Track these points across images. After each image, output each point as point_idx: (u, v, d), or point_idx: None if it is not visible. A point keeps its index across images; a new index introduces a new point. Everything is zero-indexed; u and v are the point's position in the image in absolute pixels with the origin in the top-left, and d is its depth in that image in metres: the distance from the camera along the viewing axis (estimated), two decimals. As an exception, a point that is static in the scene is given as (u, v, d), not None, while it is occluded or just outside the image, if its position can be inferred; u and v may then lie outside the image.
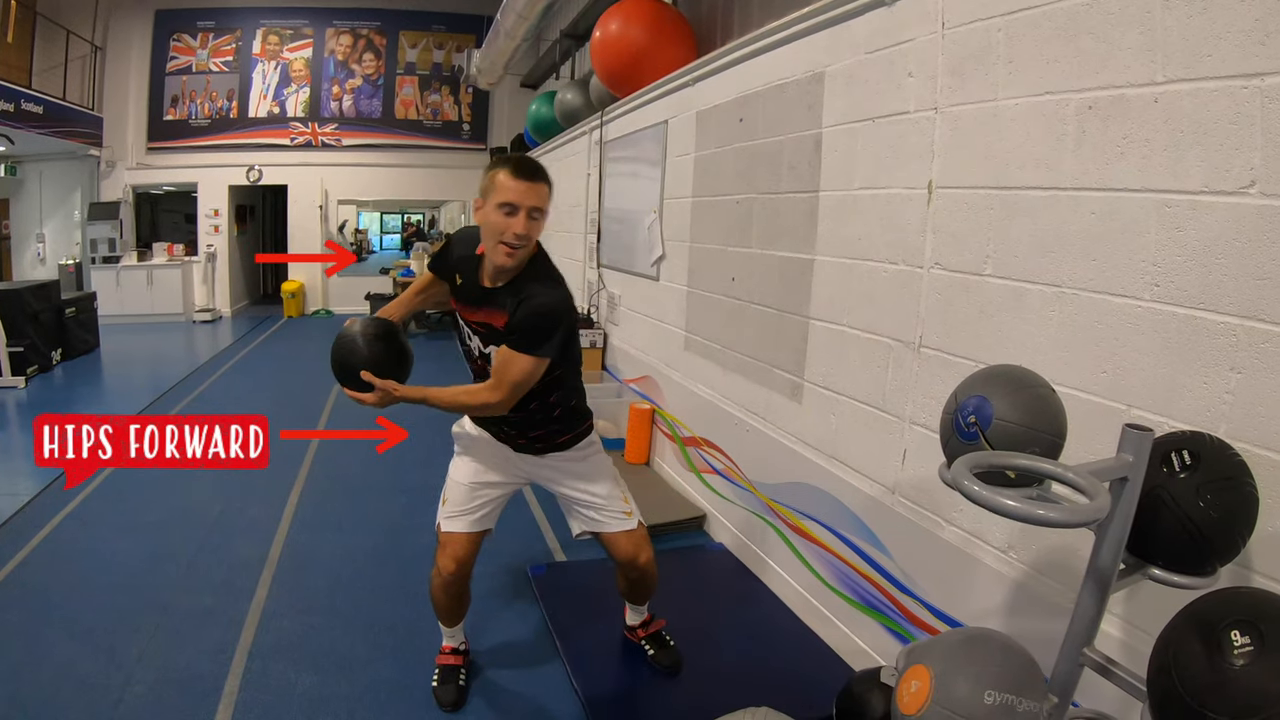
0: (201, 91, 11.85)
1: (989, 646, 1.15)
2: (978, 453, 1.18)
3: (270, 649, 2.79)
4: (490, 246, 2.05)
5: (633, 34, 4.97)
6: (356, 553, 3.60)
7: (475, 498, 2.39)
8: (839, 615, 2.77)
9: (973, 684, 1.08)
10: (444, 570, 2.37)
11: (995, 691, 1.07)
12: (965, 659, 1.12)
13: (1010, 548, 2.05)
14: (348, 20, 12.21)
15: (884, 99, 2.52)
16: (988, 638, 1.17)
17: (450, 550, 2.37)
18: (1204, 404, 1.60)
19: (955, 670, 1.11)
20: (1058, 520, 1.04)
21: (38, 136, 9.47)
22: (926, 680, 1.10)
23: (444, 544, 2.38)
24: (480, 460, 2.42)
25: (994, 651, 1.14)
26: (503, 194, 1.99)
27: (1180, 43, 1.62)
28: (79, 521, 3.90)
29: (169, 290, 11.32)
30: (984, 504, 1.05)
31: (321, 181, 12.25)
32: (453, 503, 2.40)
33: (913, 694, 1.10)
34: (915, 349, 2.38)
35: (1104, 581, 1.28)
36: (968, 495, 1.06)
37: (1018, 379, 1.37)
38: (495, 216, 2.01)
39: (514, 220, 1.99)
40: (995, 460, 1.17)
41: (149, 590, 3.18)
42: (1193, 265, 1.61)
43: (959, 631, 1.19)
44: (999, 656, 1.13)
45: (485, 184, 2.04)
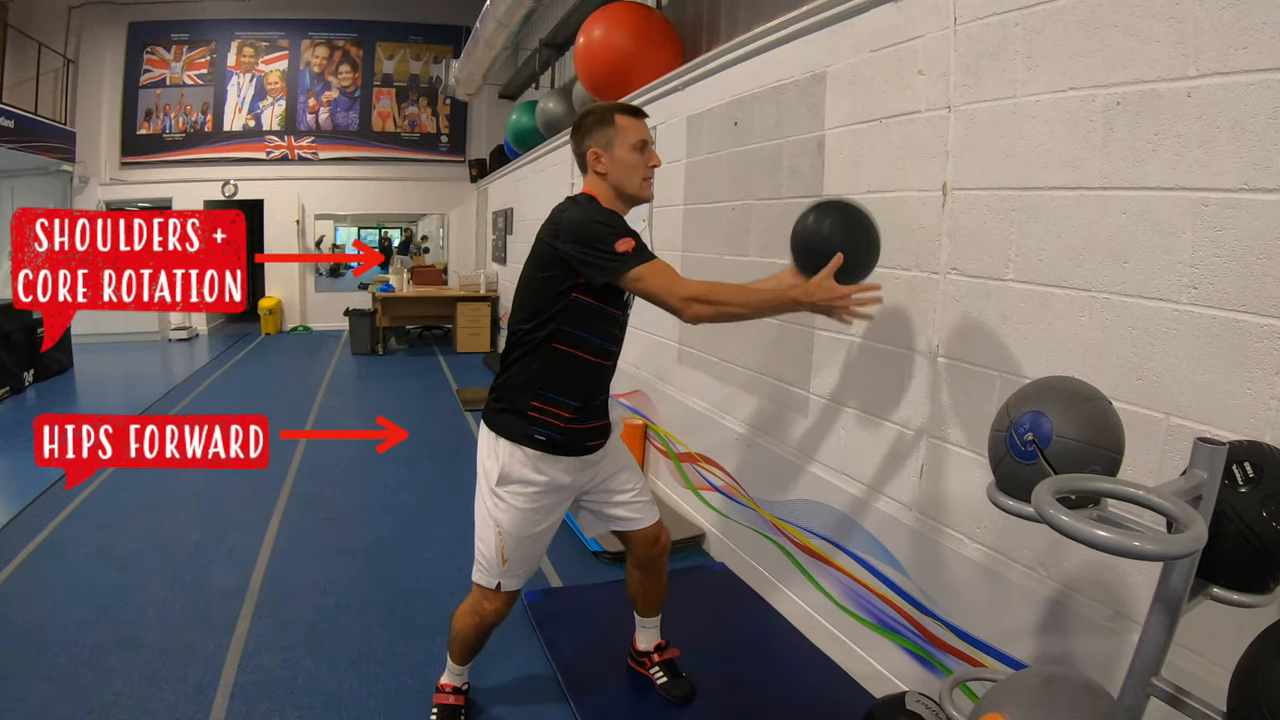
0: (176, 105, 11.63)
1: (1071, 689, 1.05)
2: (1059, 478, 1.08)
3: (253, 688, 2.61)
4: (634, 184, 2.13)
5: (618, 39, 4.89)
6: (341, 582, 3.42)
7: (539, 547, 2.25)
8: (853, 637, 2.66)
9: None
10: (494, 616, 2.25)
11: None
12: (1047, 705, 1.02)
13: (1041, 564, 1.96)
14: (324, 32, 12.05)
15: (892, 98, 2.43)
16: (1067, 679, 1.07)
17: (506, 600, 2.24)
18: (1248, 410, 1.52)
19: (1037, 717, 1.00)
20: (1155, 553, 0.95)
21: (9, 151, 9.26)
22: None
23: (497, 597, 2.22)
24: (543, 497, 2.18)
25: (1077, 694, 1.04)
26: (634, 133, 2.12)
27: (1213, 35, 1.54)
28: (52, 551, 3.70)
29: (143, 308, 11.05)
30: (1073, 535, 0.96)
31: (298, 196, 12.05)
32: (517, 561, 2.20)
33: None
34: (932, 358, 2.29)
35: (1174, 607, 1.19)
36: (1055, 525, 0.97)
37: (1074, 391, 1.28)
38: (632, 156, 2.11)
39: (649, 153, 2.14)
40: (1076, 485, 1.08)
41: (124, 625, 2.99)
42: (1233, 266, 1.53)
43: (1034, 673, 1.09)
44: (1083, 699, 1.03)
45: (604, 134, 2.12)
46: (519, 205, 8.99)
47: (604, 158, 2.13)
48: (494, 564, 2.17)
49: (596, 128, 2.14)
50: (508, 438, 2.12)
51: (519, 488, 2.13)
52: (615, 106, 2.17)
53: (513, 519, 2.14)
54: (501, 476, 2.13)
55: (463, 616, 2.29)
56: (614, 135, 2.12)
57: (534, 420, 2.11)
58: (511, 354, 2.15)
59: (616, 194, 2.15)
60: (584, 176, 2.22)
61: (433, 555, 3.69)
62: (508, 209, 9.73)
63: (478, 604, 2.24)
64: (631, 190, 2.14)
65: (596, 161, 2.14)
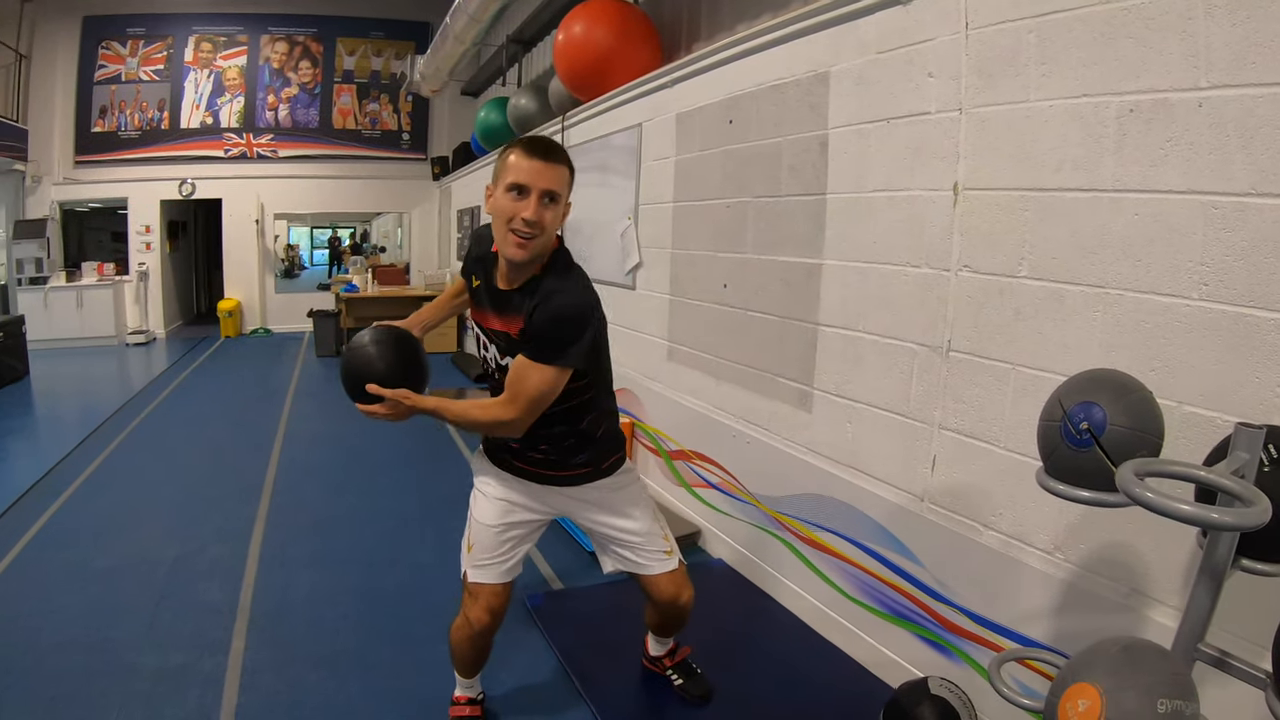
0: (131, 101, 11.32)
1: (1148, 654, 1.14)
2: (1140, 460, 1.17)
3: (258, 711, 2.50)
4: (500, 237, 1.84)
5: (598, 35, 4.89)
6: (335, 593, 3.32)
7: (504, 542, 2.14)
8: (863, 627, 2.74)
9: (1144, 695, 1.07)
10: (477, 623, 2.13)
11: (1166, 700, 1.06)
12: (1131, 670, 1.11)
13: (1058, 548, 2.05)
14: (283, 27, 11.82)
15: (900, 100, 2.50)
16: (1146, 647, 1.16)
17: (483, 602, 2.12)
18: (1258, 398, 1.63)
19: (1125, 683, 1.09)
20: (1233, 524, 1.08)
21: (-41, 151, 8.92)
22: (1096, 698, 1.07)
23: (474, 594, 2.13)
24: (505, 496, 2.16)
25: (1156, 660, 1.13)
26: (512, 174, 1.80)
27: (1224, 49, 1.65)
28: (21, 574, 3.49)
29: (100, 312, 10.74)
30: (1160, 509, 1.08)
31: (257, 195, 11.83)
32: (480, 549, 2.13)
33: (1082, 713, 1.07)
34: (943, 353, 2.37)
35: (1218, 577, 1.30)
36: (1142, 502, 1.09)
37: (1121, 383, 1.36)
38: (504, 201, 1.81)
39: (523, 204, 1.79)
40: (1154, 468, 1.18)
41: (112, 649, 2.83)
42: (1241, 265, 1.64)
43: (1113, 643, 1.17)
44: (1160, 663, 1.13)
45: (496, 166, 1.85)
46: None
47: (492, 195, 1.88)
48: (464, 553, 2.19)
49: (498, 158, 1.88)
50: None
51: (484, 480, 2.21)
52: (520, 140, 1.86)
53: (477, 503, 2.19)
54: (476, 466, 2.26)
55: (455, 630, 2.23)
56: (501, 171, 1.84)
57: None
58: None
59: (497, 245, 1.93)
60: None
61: (425, 562, 3.65)
62: (474, 207, 9.69)
63: (463, 611, 2.18)
64: (498, 241, 1.89)
65: (487, 198, 1.90)
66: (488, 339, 2.05)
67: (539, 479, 2.16)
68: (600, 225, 5.11)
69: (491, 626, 2.16)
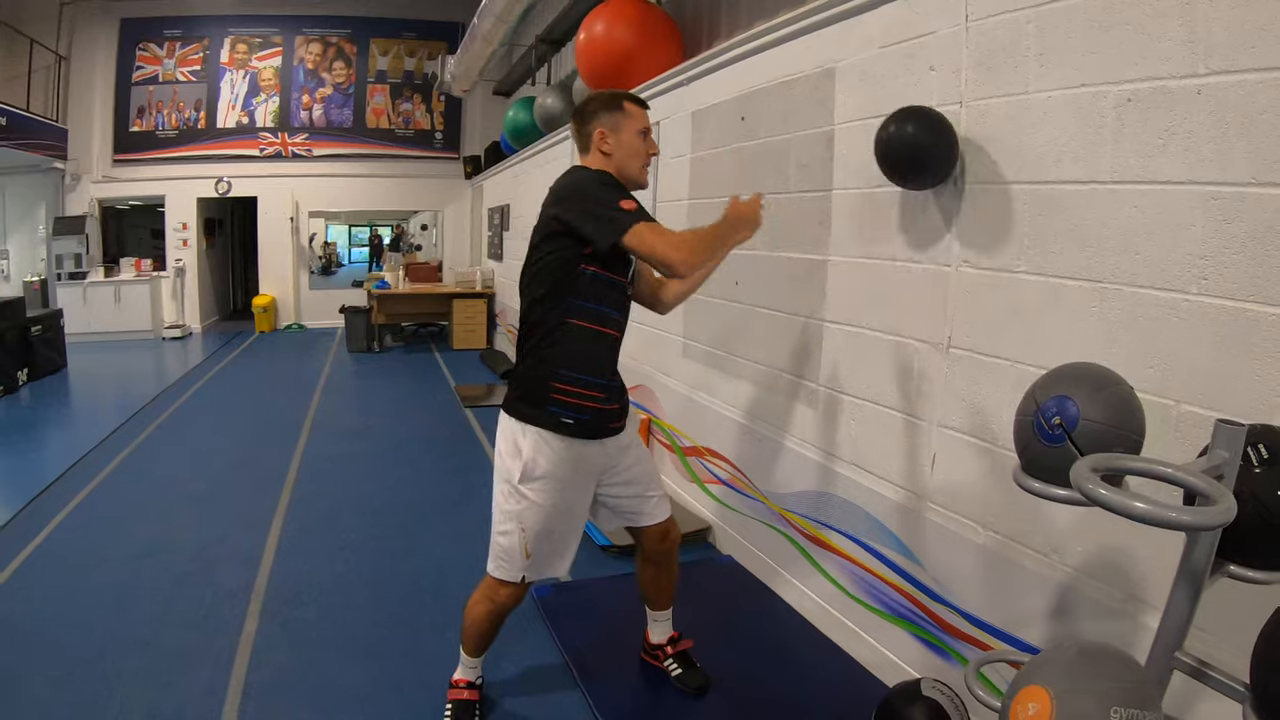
0: (168, 102, 11.59)
1: (1106, 659, 1.09)
2: (1096, 456, 1.13)
3: (265, 688, 2.58)
4: (636, 168, 2.23)
5: (619, 34, 4.91)
6: (347, 580, 3.40)
7: (568, 536, 2.27)
8: (864, 627, 2.71)
9: (1097, 701, 1.02)
10: (512, 602, 2.28)
11: (1121, 709, 1.01)
12: (1086, 675, 1.06)
13: (1054, 550, 2.00)
14: (317, 28, 12.03)
15: (903, 93, 2.46)
16: (1106, 651, 1.12)
17: (522, 591, 2.28)
18: (1258, 397, 1.57)
19: (1077, 688, 1.04)
20: (1193, 524, 1.03)
21: (1, 149, 9.19)
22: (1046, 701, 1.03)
23: (515, 587, 2.25)
24: (577, 500, 2.25)
25: (1115, 666, 1.09)
26: (641, 121, 2.24)
27: (1223, 34, 1.59)
28: (50, 554, 3.65)
29: (137, 306, 11.03)
30: (1116, 508, 1.02)
31: (292, 193, 12.04)
32: (541, 556, 2.21)
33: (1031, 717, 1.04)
34: (943, 350, 2.33)
35: (1197, 582, 1.24)
36: (1095, 499, 1.02)
37: (1098, 377, 1.32)
38: (636, 141, 2.22)
39: (651, 140, 2.26)
40: (1112, 464, 1.13)
41: (129, 626, 2.96)
42: (1242, 257, 1.59)
43: (1071, 646, 1.13)
44: (1119, 670, 1.08)
45: (611, 118, 2.20)
46: (516, 201, 9.01)
47: (610, 139, 2.21)
48: (517, 559, 2.18)
49: (604, 111, 2.22)
50: (534, 424, 2.12)
51: (543, 484, 2.13)
52: (623, 94, 2.26)
53: (537, 515, 2.15)
54: (525, 473, 2.13)
55: (474, 605, 2.30)
56: (621, 120, 2.21)
57: (560, 404, 2.11)
58: (528, 340, 2.17)
59: (618, 174, 2.22)
60: (583, 156, 2.27)
61: (440, 552, 3.69)
62: (504, 205, 9.75)
63: (492, 592, 2.25)
64: (632, 173, 2.23)
65: (603, 141, 2.22)
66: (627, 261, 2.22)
67: (621, 425, 2.30)
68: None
69: (516, 607, 2.32)
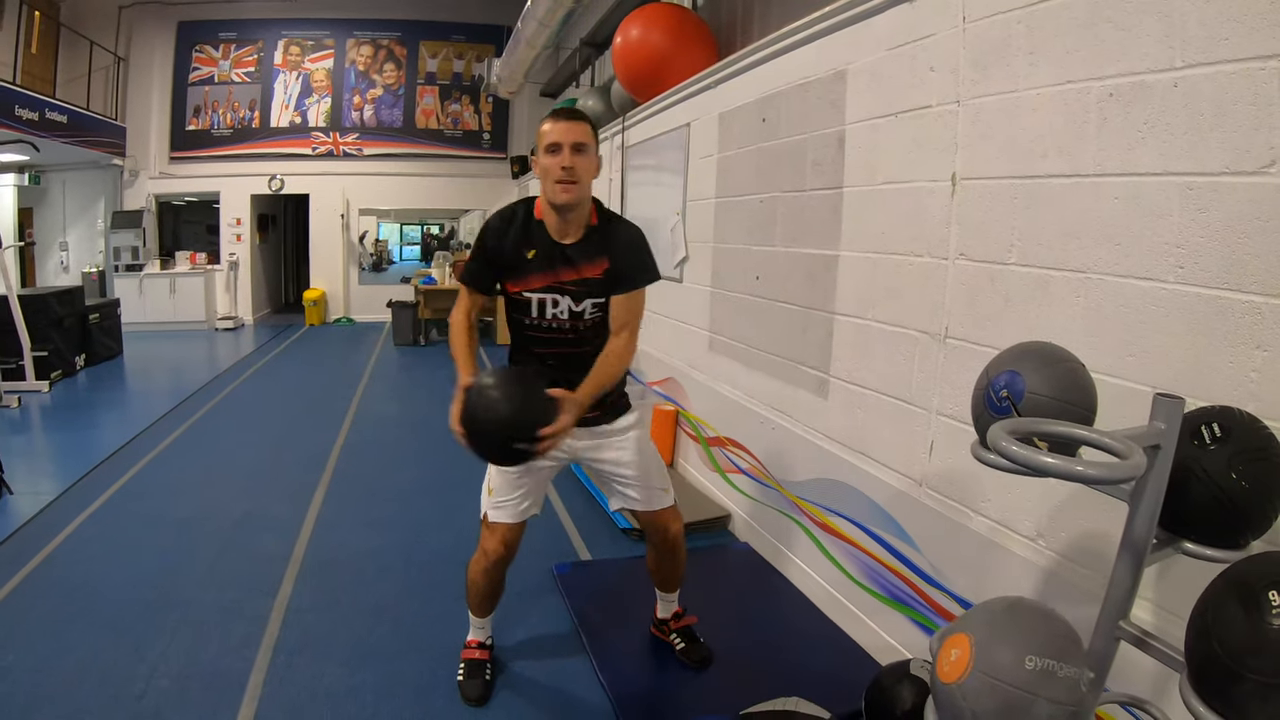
0: (224, 101, 12.05)
1: (1029, 613, 1.16)
2: (1015, 419, 1.21)
3: (294, 644, 2.79)
4: (550, 191, 2.18)
5: (654, 38, 5.03)
6: (379, 551, 3.62)
7: (520, 485, 2.36)
8: (866, 611, 2.78)
9: (1014, 650, 1.09)
10: (492, 553, 2.37)
11: (1036, 657, 1.08)
12: (1006, 626, 1.13)
13: (1040, 535, 2.06)
14: (368, 31, 12.39)
15: (906, 94, 2.54)
16: (1028, 605, 1.19)
17: (499, 535, 2.36)
18: (1232, 383, 1.61)
19: (996, 637, 1.12)
20: (1095, 477, 1.07)
21: (61, 145, 9.63)
22: (967, 648, 1.11)
23: (492, 530, 2.37)
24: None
25: (1034, 618, 1.15)
26: (547, 137, 2.17)
27: (1198, 27, 1.64)
28: (104, 519, 3.95)
29: (191, 298, 11.48)
30: (1024, 463, 1.07)
31: (343, 191, 12.40)
32: (499, 492, 2.36)
33: (953, 662, 1.12)
34: (941, 340, 2.40)
35: (1138, 552, 1.29)
36: (1006, 455, 1.08)
37: (1048, 354, 1.39)
38: (545, 160, 2.16)
39: (559, 157, 2.14)
40: (1031, 426, 1.20)
41: (174, 586, 3.21)
42: (1216, 246, 1.63)
43: (999, 600, 1.20)
44: (1040, 623, 1.15)
45: (538, 139, 2.20)
46: (557, 201, 9.14)
47: (537, 163, 2.24)
48: (484, 496, 2.38)
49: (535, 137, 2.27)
50: None
51: None
52: (551, 112, 2.26)
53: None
54: None
55: (472, 564, 2.47)
56: (539, 140, 2.21)
57: None
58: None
59: (547, 200, 2.23)
60: None
61: (466, 527, 3.77)
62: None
63: (480, 545, 2.42)
64: (546, 194, 2.21)
65: (535, 168, 2.30)
66: (558, 294, 2.27)
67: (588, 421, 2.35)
68: (653, 221, 5.21)
69: (505, 558, 2.40)
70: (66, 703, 2.41)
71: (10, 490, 4.19)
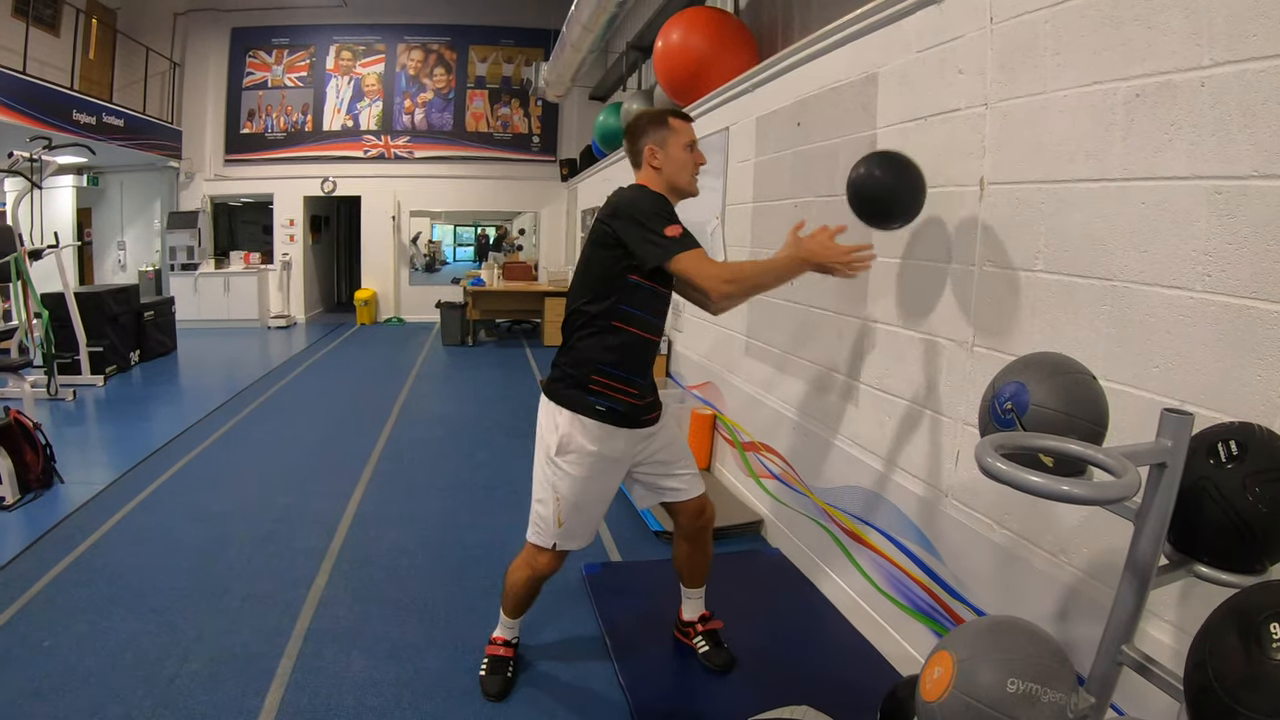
0: (277, 105, 12.35)
1: (1016, 633, 1.12)
2: (1003, 433, 1.17)
3: (324, 634, 2.87)
4: (685, 179, 2.39)
5: (694, 42, 5.03)
6: (413, 547, 3.69)
7: (596, 518, 2.43)
8: (890, 621, 2.74)
9: (996, 671, 1.06)
10: (549, 571, 2.45)
11: (1019, 680, 1.04)
12: (990, 646, 1.10)
13: (1061, 550, 2.01)
14: (418, 36, 12.59)
15: (935, 97, 2.50)
16: (1014, 625, 1.15)
17: (561, 556, 2.44)
18: (1261, 397, 1.54)
19: (979, 657, 1.09)
20: (1083, 497, 1.02)
21: (119, 148, 9.95)
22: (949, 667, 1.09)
23: (556, 555, 2.42)
24: (606, 478, 2.39)
25: (1021, 639, 1.12)
26: (685, 134, 2.37)
27: (1224, 24, 1.57)
28: (150, 509, 4.09)
29: (245, 296, 11.80)
30: (1007, 481, 1.04)
31: (394, 193, 12.61)
32: (572, 526, 2.38)
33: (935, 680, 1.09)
34: (968, 348, 2.35)
35: (1143, 574, 1.24)
36: (989, 472, 1.05)
37: (1055, 364, 1.35)
38: (683, 154, 2.36)
39: (697, 152, 2.39)
40: (1020, 441, 1.16)
41: (213, 575, 3.32)
42: (1245, 253, 1.56)
43: (987, 619, 1.17)
44: (1025, 645, 1.11)
45: (659, 134, 2.36)
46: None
47: (659, 154, 2.35)
48: (550, 527, 2.37)
49: (651, 128, 2.37)
50: (569, 408, 2.29)
51: (576, 457, 2.30)
52: (668, 110, 2.40)
53: (570, 486, 2.32)
54: (560, 446, 2.30)
55: (515, 570, 2.50)
56: (668, 135, 2.35)
57: (595, 393, 2.28)
58: (574, 331, 2.33)
59: (669, 187, 2.36)
60: (637, 172, 2.42)
61: (501, 525, 3.94)
62: (595, 207, 9.96)
63: (531, 559, 2.44)
64: (682, 184, 2.38)
65: (652, 156, 2.36)
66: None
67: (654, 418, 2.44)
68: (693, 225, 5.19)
69: (554, 573, 2.48)
70: (100, 684, 2.51)
71: (62, 479, 4.37)
